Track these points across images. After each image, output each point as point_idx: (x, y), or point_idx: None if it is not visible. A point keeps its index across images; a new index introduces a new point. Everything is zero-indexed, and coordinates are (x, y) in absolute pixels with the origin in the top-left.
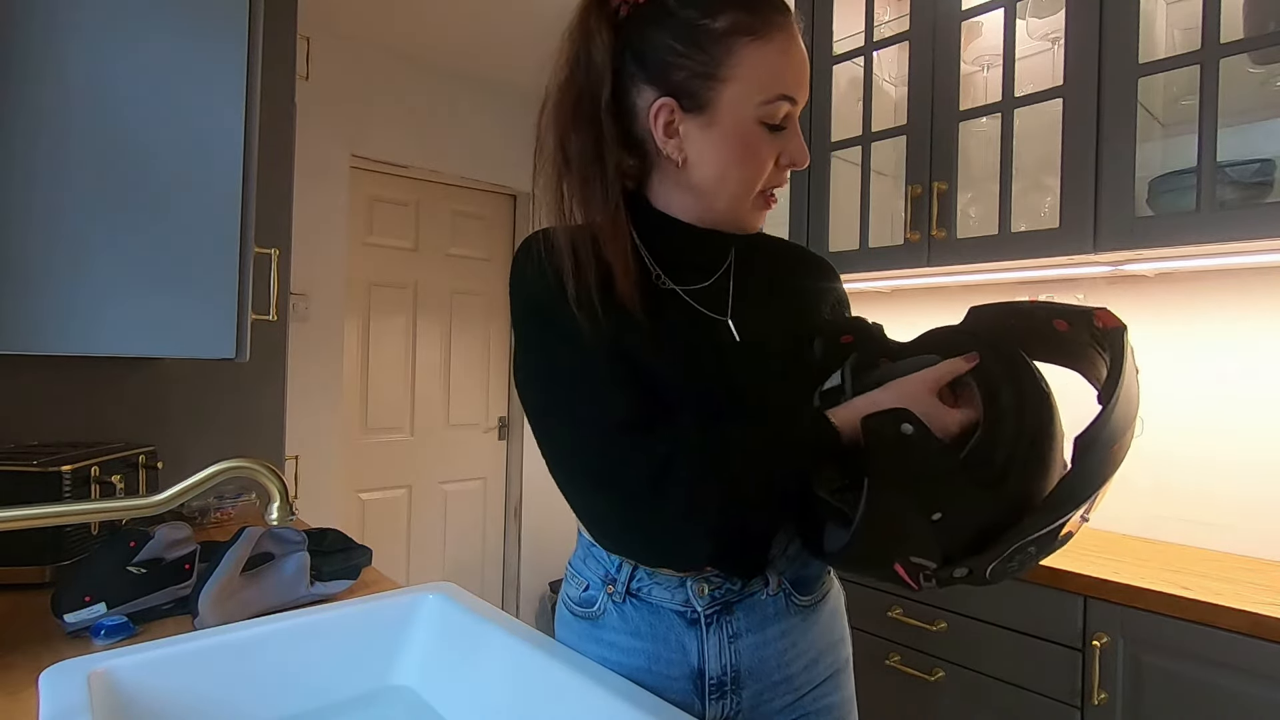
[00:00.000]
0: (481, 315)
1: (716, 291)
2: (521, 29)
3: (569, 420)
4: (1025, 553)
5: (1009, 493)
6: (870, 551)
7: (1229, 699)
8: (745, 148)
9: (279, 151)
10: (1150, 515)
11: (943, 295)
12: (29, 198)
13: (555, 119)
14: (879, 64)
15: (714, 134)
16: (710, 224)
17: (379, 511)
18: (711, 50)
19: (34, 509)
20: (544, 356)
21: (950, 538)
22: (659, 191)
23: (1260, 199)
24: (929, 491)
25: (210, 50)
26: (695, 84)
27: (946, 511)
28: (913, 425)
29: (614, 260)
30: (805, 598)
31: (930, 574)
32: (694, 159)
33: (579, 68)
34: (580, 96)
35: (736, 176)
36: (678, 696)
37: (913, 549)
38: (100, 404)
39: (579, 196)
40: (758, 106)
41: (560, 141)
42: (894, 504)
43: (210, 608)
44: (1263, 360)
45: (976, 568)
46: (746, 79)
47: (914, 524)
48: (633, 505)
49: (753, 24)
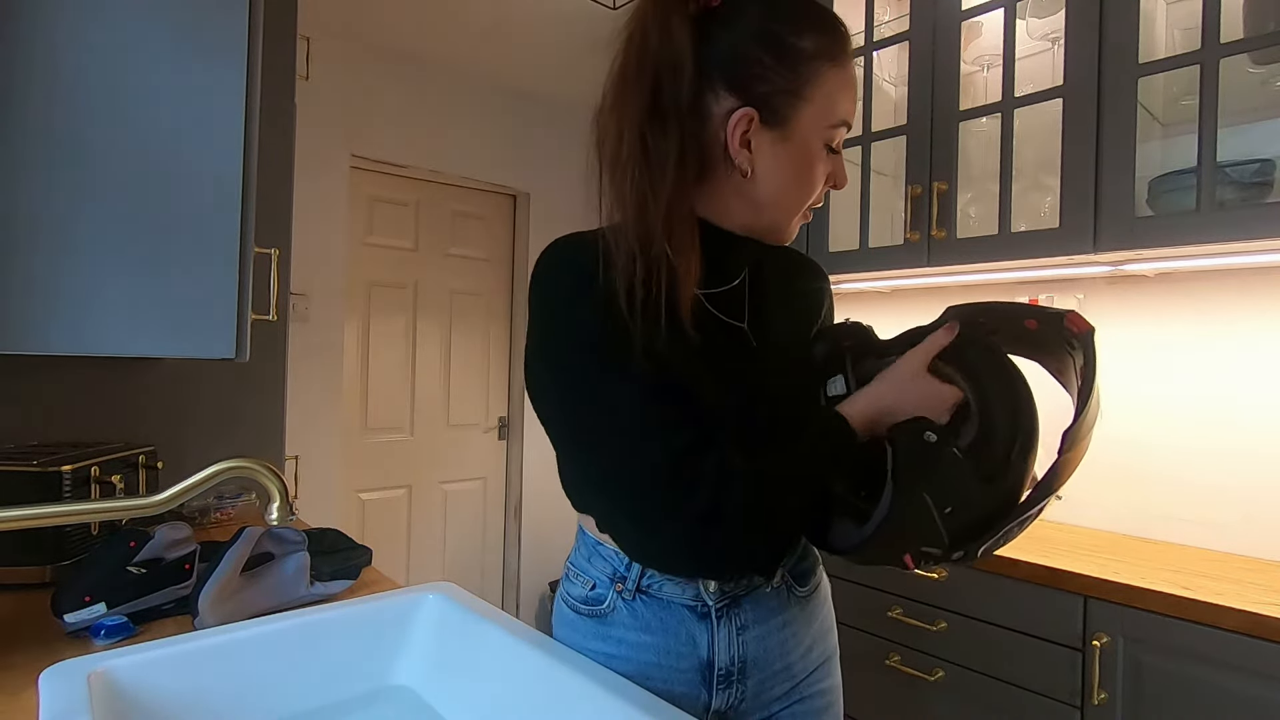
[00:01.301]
0: (481, 315)
1: (733, 298)
2: (522, 29)
3: (613, 455)
4: (1009, 534)
5: (1006, 484)
6: (888, 546)
7: (1229, 699)
8: (809, 166)
9: (279, 151)
10: (1150, 515)
11: (943, 295)
12: (27, 198)
13: (629, 112)
14: (879, 64)
15: (786, 150)
16: (752, 233)
17: (379, 511)
18: (800, 69)
19: (34, 509)
20: (582, 379)
21: (957, 528)
22: (708, 197)
23: (1260, 199)
24: (944, 490)
25: (210, 50)
26: (779, 100)
27: (956, 506)
28: (935, 433)
29: (688, 274)
30: (803, 589)
31: (934, 559)
32: (761, 172)
33: (657, 61)
34: (658, 92)
35: (795, 193)
36: (685, 689)
37: (924, 540)
38: (100, 404)
39: (653, 196)
40: (825, 129)
41: (639, 137)
42: (917, 504)
43: (210, 608)
44: (1263, 360)
45: (970, 550)
46: (822, 101)
47: (926, 519)
48: (690, 538)
49: (833, 50)
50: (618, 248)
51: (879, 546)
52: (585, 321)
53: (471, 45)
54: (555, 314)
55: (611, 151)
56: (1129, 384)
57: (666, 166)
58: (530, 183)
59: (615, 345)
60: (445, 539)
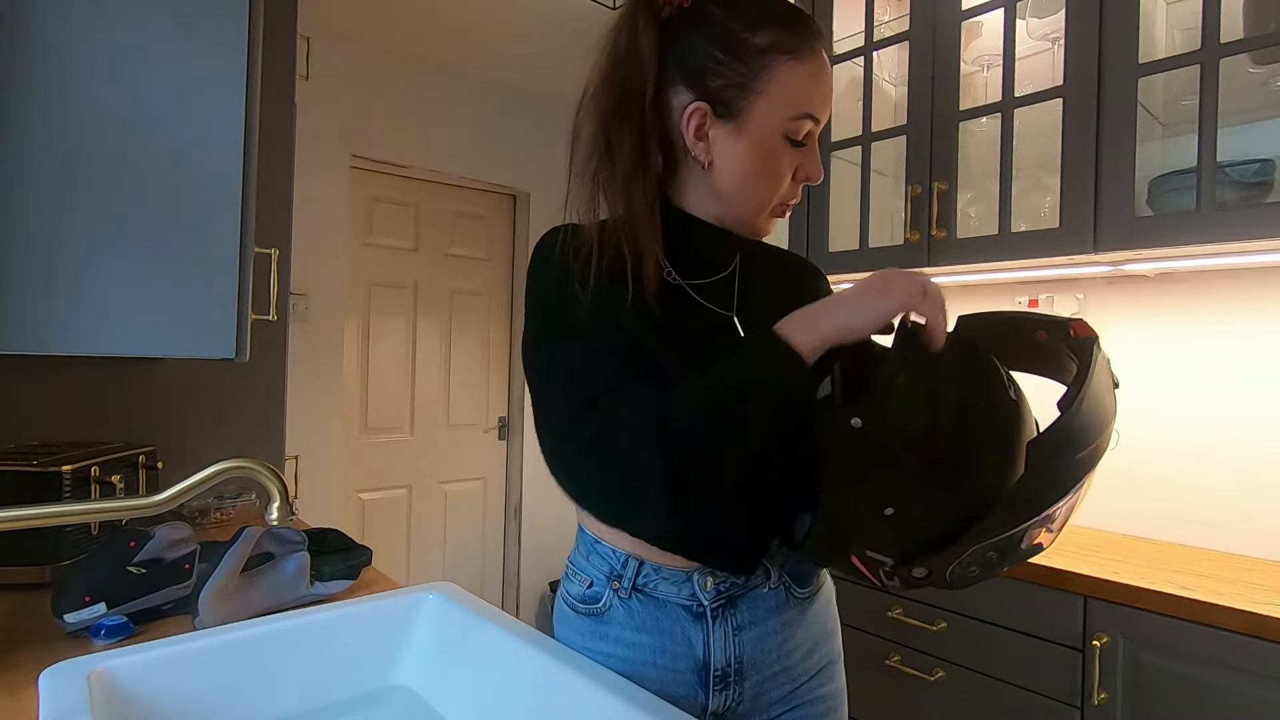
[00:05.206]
0: (481, 315)
1: (722, 289)
2: (522, 29)
3: (545, 397)
4: (986, 558)
5: (965, 495)
6: (828, 543)
7: (1229, 699)
8: (768, 158)
9: (279, 151)
10: (1150, 515)
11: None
12: (26, 198)
13: (597, 110)
14: (879, 64)
15: (741, 142)
16: (725, 225)
17: (379, 511)
18: (750, 63)
19: (34, 509)
20: (537, 336)
21: (905, 534)
22: (680, 189)
23: (1260, 199)
24: (879, 486)
25: (210, 50)
26: (730, 93)
27: (898, 507)
28: (862, 419)
29: (647, 252)
30: (803, 590)
31: (890, 571)
32: (719, 163)
33: (624, 62)
34: (624, 91)
35: (757, 184)
36: (682, 689)
37: (868, 543)
38: (100, 404)
39: (619, 190)
40: (784, 121)
41: (603, 133)
42: (848, 497)
43: (210, 608)
44: (1263, 360)
45: (936, 569)
46: (778, 94)
47: (866, 518)
48: (581, 458)
49: (792, 44)
50: (581, 232)
51: (820, 541)
52: (546, 292)
53: (472, 45)
54: (529, 288)
55: (581, 147)
56: (1128, 384)
57: (624, 158)
58: (530, 183)
59: (568, 311)
60: (445, 539)
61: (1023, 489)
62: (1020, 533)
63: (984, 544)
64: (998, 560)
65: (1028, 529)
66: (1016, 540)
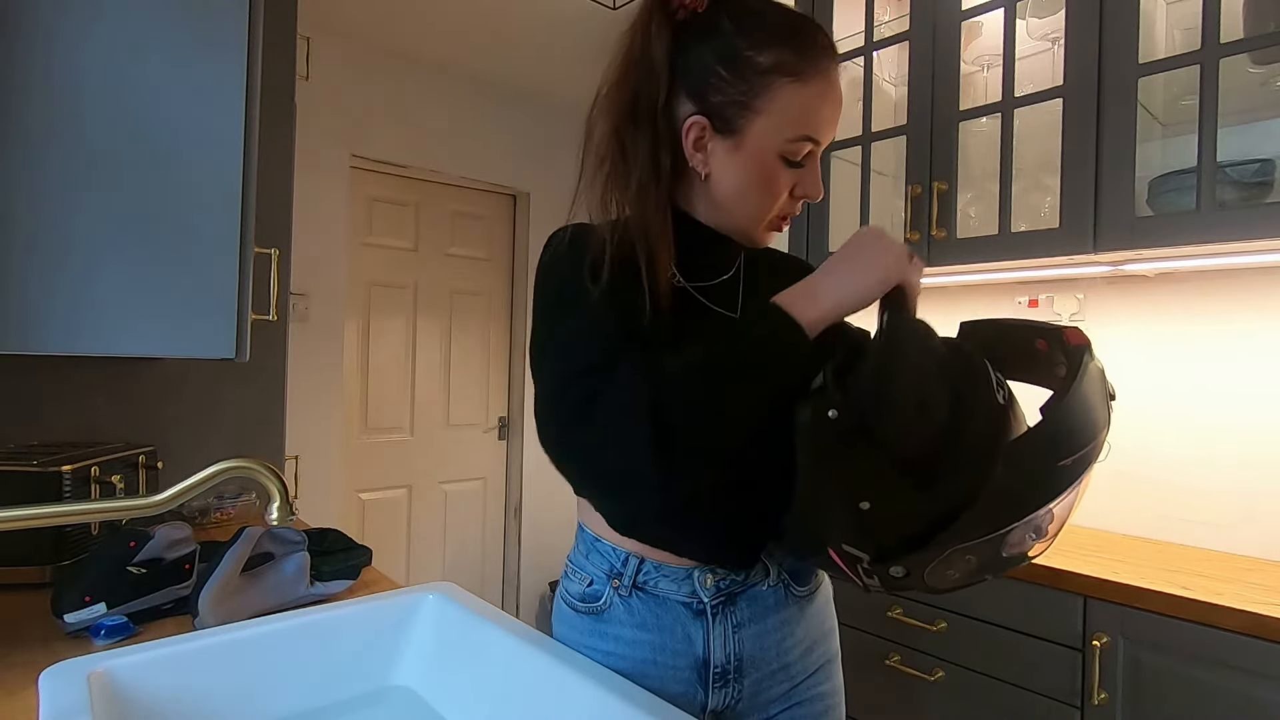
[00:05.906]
0: (481, 315)
1: (726, 290)
2: (521, 29)
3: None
4: (964, 561)
5: (943, 494)
6: (805, 535)
7: (1229, 699)
8: (763, 176)
9: (279, 151)
10: (1150, 515)
11: (943, 295)
12: (28, 199)
13: (611, 111)
14: (879, 64)
15: (738, 158)
16: (725, 232)
17: (379, 511)
18: (751, 82)
19: (34, 509)
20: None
21: (881, 530)
22: (685, 193)
23: (1260, 199)
24: (855, 479)
25: (210, 50)
26: (730, 110)
27: (874, 502)
28: (838, 410)
29: (659, 257)
30: (802, 589)
31: (869, 569)
32: (716, 176)
33: (639, 66)
34: (637, 95)
35: (753, 200)
36: (681, 687)
37: (844, 537)
38: (100, 404)
39: (632, 194)
40: (783, 142)
41: (616, 135)
42: (823, 488)
43: (210, 608)
44: (1263, 360)
45: (913, 569)
46: (778, 115)
47: (842, 511)
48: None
49: (796, 66)
50: (593, 230)
51: (798, 533)
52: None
53: (471, 45)
54: (538, 280)
55: (593, 148)
56: (1128, 384)
57: (637, 163)
58: (530, 183)
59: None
60: (445, 539)
61: (997, 492)
62: (998, 538)
63: (961, 546)
64: (977, 566)
65: (1007, 534)
66: (996, 546)
